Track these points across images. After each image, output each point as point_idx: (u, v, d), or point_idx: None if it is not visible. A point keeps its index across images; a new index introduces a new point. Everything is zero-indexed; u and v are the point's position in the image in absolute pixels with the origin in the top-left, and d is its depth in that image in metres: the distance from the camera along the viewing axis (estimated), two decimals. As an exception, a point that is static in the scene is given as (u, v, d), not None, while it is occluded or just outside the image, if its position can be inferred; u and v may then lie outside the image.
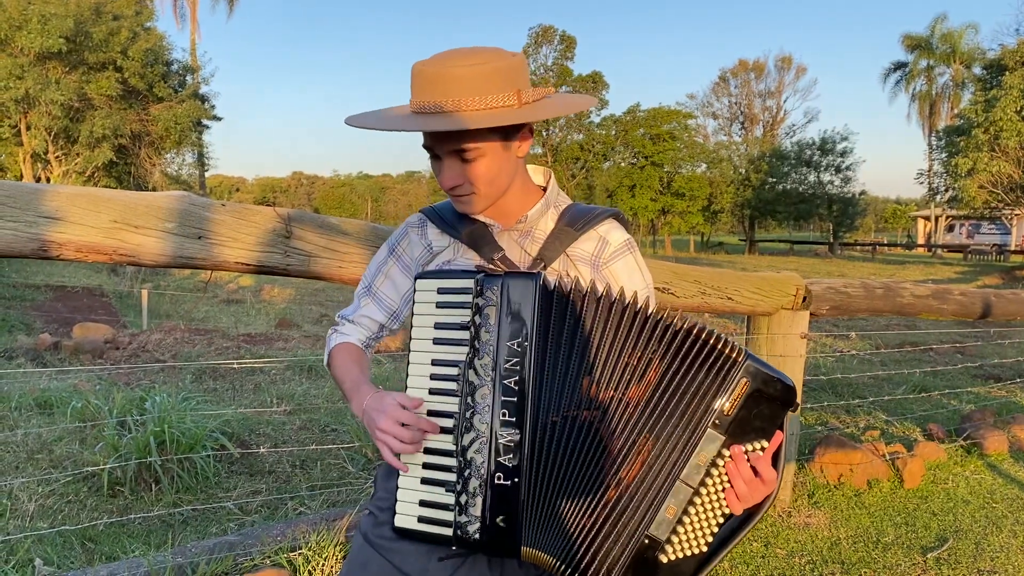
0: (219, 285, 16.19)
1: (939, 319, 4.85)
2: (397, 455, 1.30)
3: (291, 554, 2.83)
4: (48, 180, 25.35)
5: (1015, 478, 4.46)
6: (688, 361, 1.19)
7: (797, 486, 4.03)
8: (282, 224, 2.41)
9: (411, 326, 1.34)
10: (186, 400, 4.60)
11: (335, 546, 2.88)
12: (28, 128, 24.34)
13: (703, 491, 1.18)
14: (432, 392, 1.30)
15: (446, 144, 1.34)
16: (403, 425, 1.28)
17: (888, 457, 4.36)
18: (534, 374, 1.22)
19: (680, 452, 1.19)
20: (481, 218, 1.46)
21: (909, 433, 5.24)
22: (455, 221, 1.49)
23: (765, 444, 1.18)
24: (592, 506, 1.21)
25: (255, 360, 6.89)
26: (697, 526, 1.19)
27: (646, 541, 1.19)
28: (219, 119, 32.34)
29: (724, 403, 1.17)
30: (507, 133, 1.37)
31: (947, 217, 48.04)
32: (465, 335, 1.27)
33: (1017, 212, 30.83)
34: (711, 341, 1.19)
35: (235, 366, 6.24)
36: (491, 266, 1.40)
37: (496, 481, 1.21)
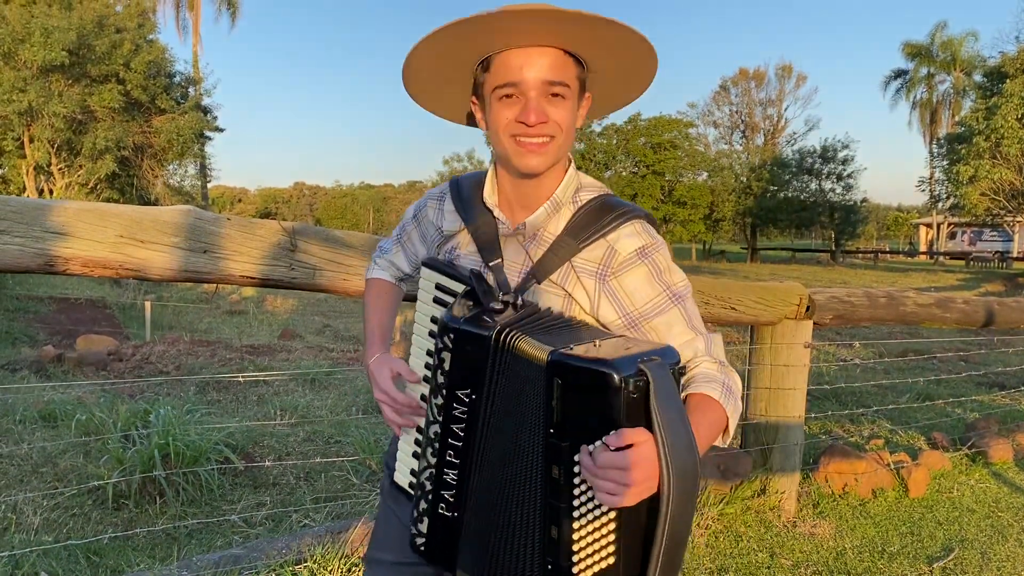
0: (222, 296, 16.21)
1: (942, 327, 4.85)
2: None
3: (296, 567, 2.83)
4: (51, 192, 25.45)
5: (1020, 486, 4.45)
6: (521, 377, 1.19)
7: (802, 496, 4.03)
8: (287, 238, 2.42)
9: (416, 310, 1.43)
10: (190, 412, 4.61)
11: (340, 559, 2.88)
12: (31, 140, 24.45)
13: (575, 503, 1.12)
14: (424, 379, 1.40)
15: (549, 72, 1.28)
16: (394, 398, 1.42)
17: (893, 466, 4.35)
18: (479, 424, 1.25)
19: (532, 467, 1.16)
20: (494, 211, 1.42)
21: (913, 442, 5.23)
22: (471, 204, 1.45)
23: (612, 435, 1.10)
24: (521, 545, 1.21)
25: (260, 373, 6.90)
26: (590, 540, 1.13)
27: (549, 567, 1.15)
28: (221, 130, 32.48)
29: (551, 412, 1.13)
30: (582, 87, 1.35)
31: (949, 224, 48.11)
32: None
33: (1019, 219, 30.83)
34: (524, 348, 1.18)
35: (240, 380, 6.24)
36: (486, 275, 1.39)
37: (439, 511, 1.31)
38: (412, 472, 1.41)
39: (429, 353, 1.36)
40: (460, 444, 1.26)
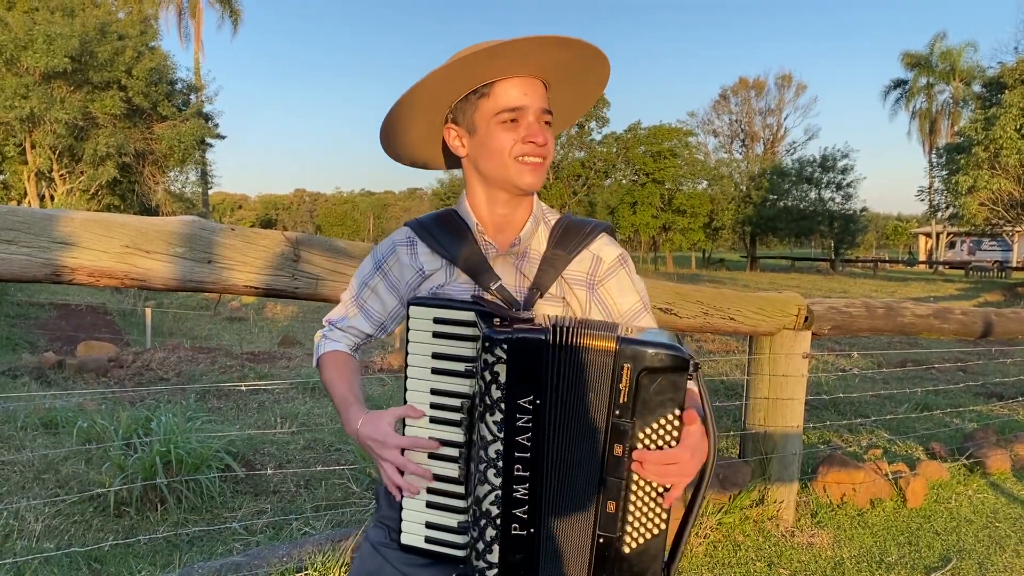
0: (222, 303, 16.22)
1: (941, 338, 4.87)
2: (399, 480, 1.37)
3: (297, 575, 2.84)
4: (52, 198, 25.50)
5: (1018, 497, 4.47)
6: (584, 368, 1.22)
7: (800, 505, 4.04)
8: (290, 248, 2.45)
9: (406, 352, 1.34)
10: (191, 420, 4.62)
11: (340, 567, 2.90)
12: (33, 147, 24.52)
13: (634, 477, 1.21)
14: (433, 420, 1.33)
15: (544, 101, 1.42)
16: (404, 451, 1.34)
17: (891, 476, 4.37)
18: (545, 429, 1.23)
19: (593, 451, 1.22)
20: (479, 238, 1.47)
21: (912, 452, 5.25)
22: (448, 242, 1.48)
23: (677, 412, 1.20)
24: (586, 536, 1.24)
25: (260, 382, 6.91)
26: (645, 510, 1.22)
27: (600, 541, 1.22)
28: (222, 137, 32.52)
29: (617, 394, 1.20)
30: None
31: (948, 234, 48.16)
32: (466, 367, 1.29)
33: (1018, 229, 30.87)
34: (585, 342, 1.21)
35: (243, 388, 6.26)
36: (488, 296, 1.40)
37: (513, 531, 1.25)
38: (429, 525, 1.34)
39: (435, 392, 1.33)
40: (528, 455, 1.23)
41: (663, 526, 1.22)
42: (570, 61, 1.41)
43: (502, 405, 1.23)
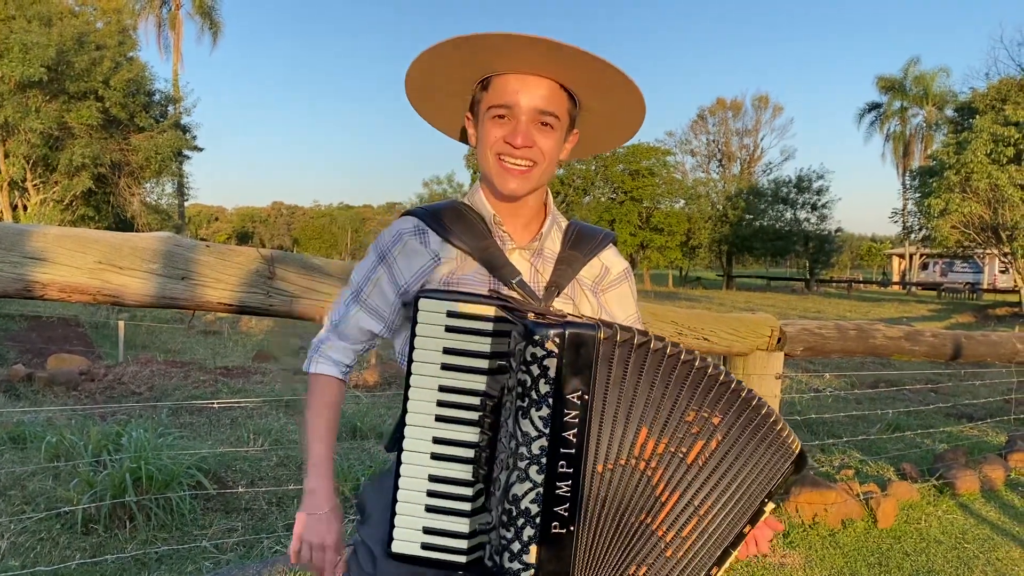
0: (196, 316, 16.06)
1: (911, 360, 4.93)
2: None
3: (267, 595, 2.82)
4: (25, 208, 25.20)
5: (986, 518, 4.52)
6: (755, 442, 1.29)
7: (773, 526, 4.06)
8: (265, 265, 2.44)
9: (411, 347, 1.27)
10: (163, 436, 4.57)
11: (312, 586, 2.87)
12: (6, 156, 24.24)
13: (735, 549, 1.34)
14: (439, 419, 1.26)
15: (542, 101, 1.35)
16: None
17: (862, 497, 4.40)
18: (593, 426, 1.20)
19: (733, 525, 1.30)
20: (495, 229, 1.44)
21: (883, 472, 5.29)
22: (462, 233, 1.42)
23: (774, 505, 1.35)
24: (644, 554, 1.26)
25: (233, 400, 6.84)
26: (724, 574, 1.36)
27: None
28: (200, 149, 32.40)
29: (775, 486, 1.32)
30: (571, 123, 1.44)
31: (921, 255, 48.80)
32: (497, 363, 1.24)
33: (989, 251, 31.36)
34: (779, 429, 1.30)
35: (215, 406, 6.19)
36: (509, 293, 1.37)
37: (553, 530, 1.21)
38: (428, 531, 1.26)
39: (444, 389, 1.25)
40: (573, 451, 1.19)
41: None
42: (570, 63, 1.33)
43: (549, 400, 1.18)
